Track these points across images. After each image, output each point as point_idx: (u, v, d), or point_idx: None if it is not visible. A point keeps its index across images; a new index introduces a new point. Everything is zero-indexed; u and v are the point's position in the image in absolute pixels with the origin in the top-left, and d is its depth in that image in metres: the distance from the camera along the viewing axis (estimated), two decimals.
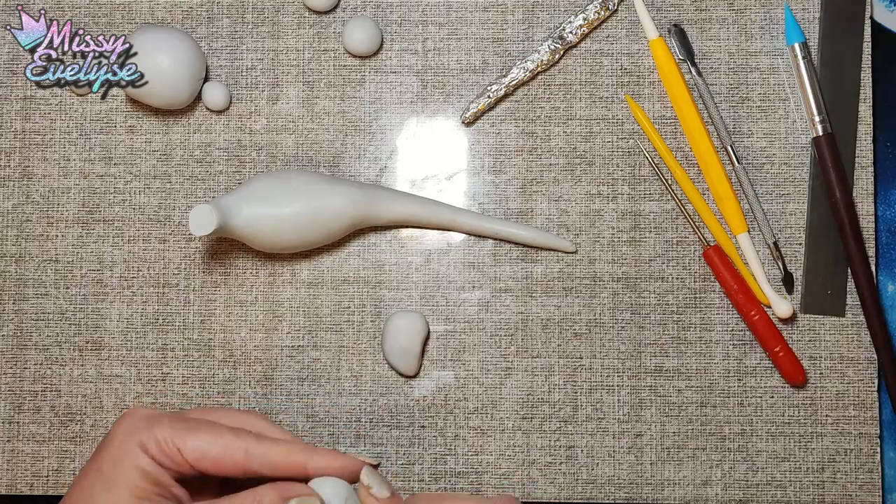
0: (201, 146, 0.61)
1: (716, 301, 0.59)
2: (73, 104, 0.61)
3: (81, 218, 0.61)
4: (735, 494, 0.59)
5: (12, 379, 0.60)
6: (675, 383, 0.59)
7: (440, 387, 0.59)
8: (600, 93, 0.60)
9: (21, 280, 0.60)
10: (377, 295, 0.60)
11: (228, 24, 0.61)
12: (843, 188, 0.58)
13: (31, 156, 0.61)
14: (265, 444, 0.47)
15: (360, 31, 0.59)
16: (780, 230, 0.60)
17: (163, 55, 0.56)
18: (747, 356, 0.59)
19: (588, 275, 0.60)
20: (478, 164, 0.60)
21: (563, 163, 0.60)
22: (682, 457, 0.59)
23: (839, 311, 0.59)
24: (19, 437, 0.60)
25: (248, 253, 0.60)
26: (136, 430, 0.46)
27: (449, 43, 0.61)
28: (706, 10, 0.61)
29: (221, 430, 0.47)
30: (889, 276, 0.61)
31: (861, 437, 0.59)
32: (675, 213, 0.60)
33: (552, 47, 0.60)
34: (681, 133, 0.60)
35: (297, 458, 0.46)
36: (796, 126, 0.60)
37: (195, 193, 0.61)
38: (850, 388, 0.59)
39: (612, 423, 0.59)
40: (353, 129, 0.61)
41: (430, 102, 0.61)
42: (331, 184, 0.57)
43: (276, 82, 0.61)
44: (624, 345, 0.59)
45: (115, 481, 0.45)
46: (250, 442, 0.46)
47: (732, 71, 0.60)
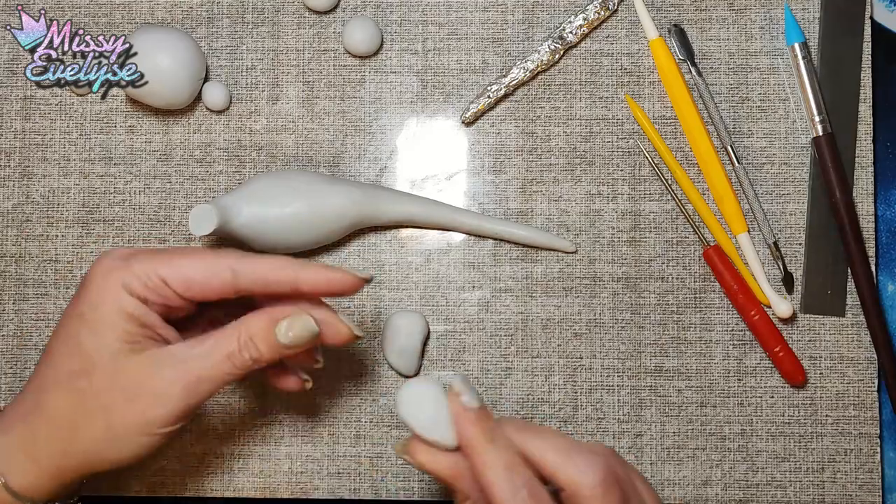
0: (201, 146, 0.61)
1: (716, 301, 0.59)
2: (73, 104, 0.61)
3: (81, 218, 0.61)
4: (735, 494, 0.59)
5: (12, 379, 0.60)
6: (675, 383, 0.59)
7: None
8: (600, 93, 0.60)
9: (21, 280, 0.60)
10: (377, 295, 0.60)
11: (228, 24, 0.61)
12: (843, 188, 0.58)
13: (31, 156, 0.61)
14: (251, 260, 0.46)
15: (360, 31, 0.59)
16: (780, 230, 0.60)
17: (163, 55, 0.56)
18: (747, 356, 0.59)
19: (588, 275, 0.60)
20: (478, 164, 0.60)
21: (563, 163, 0.60)
22: (682, 457, 0.59)
23: (839, 311, 0.59)
24: None
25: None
26: (114, 269, 0.45)
27: (449, 43, 0.61)
28: (706, 10, 0.61)
29: (203, 253, 0.46)
30: (889, 276, 0.61)
31: (861, 437, 0.59)
32: (675, 213, 0.60)
33: (552, 47, 0.60)
34: (681, 133, 0.60)
35: (286, 271, 0.46)
36: (796, 126, 0.60)
37: (195, 193, 0.61)
38: (850, 388, 0.59)
39: (612, 423, 0.59)
40: (353, 129, 0.61)
41: (430, 102, 0.61)
42: (331, 184, 0.57)
43: (276, 82, 0.61)
44: (624, 345, 0.59)
45: (100, 326, 0.45)
46: (235, 260, 0.46)
47: (732, 71, 0.60)
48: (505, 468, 0.42)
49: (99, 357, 0.45)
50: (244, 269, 0.46)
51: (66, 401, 0.46)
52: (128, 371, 0.45)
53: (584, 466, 0.42)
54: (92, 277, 0.46)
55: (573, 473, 0.42)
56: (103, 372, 0.45)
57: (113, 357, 0.45)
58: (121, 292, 0.45)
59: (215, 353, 0.45)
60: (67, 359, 0.46)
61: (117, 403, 0.45)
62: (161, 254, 0.46)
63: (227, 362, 0.45)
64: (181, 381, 0.45)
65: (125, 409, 0.45)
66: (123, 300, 0.45)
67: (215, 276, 0.46)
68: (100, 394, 0.45)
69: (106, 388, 0.45)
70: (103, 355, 0.45)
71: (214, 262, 0.46)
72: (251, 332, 0.45)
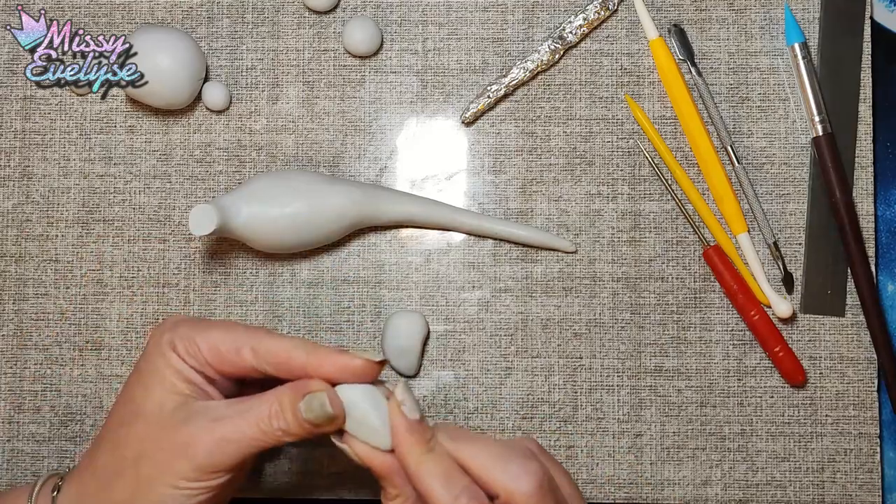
0: (201, 146, 0.61)
1: (716, 301, 0.59)
2: (73, 104, 0.61)
3: (81, 218, 0.61)
4: (735, 494, 0.59)
5: (12, 379, 0.60)
6: (675, 383, 0.59)
7: (440, 387, 0.59)
8: (600, 93, 0.60)
9: (21, 280, 0.60)
10: (377, 295, 0.60)
11: (228, 24, 0.61)
12: (843, 188, 0.58)
13: (31, 156, 0.61)
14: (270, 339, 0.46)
15: (360, 31, 0.59)
16: (780, 230, 0.60)
17: (163, 55, 0.56)
18: (747, 356, 0.59)
19: (588, 275, 0.60)
20: (478, 164, 0.60)
21: (563, 163, 0.60)
22: (682, 457, 0.59)
23: (839, 311, 0.59)
24: (19, 437, 0.60)
25: (248, 253, 0.60)
26: (164, 331, 0.47)
27: (449, 43, 0.61)
28: (706, 10, 0.61)
29: (236, 327, 0.47)
30: (889, 276, 0.61)
31: (861, 437, 0.59)
32: (675, 213, 0.60)
33: (552, 47, 0.60)
34: (681, 133, 0.60)
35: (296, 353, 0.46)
36: (796, 126, 0.60)
37: (195, 193, 0.61)
38: (850, 388, 0.59)
39: (612, 423, 0.59)
40: (353, 129, 0.61)
41: (430, 102, 0.61)
42: (331, 184, 0.57)
43: (276, 82, 0.61)
44: (624, 345, 0.59)
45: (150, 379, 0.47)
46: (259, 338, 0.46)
47: (732, 71, 0.60)
48: (443, 476, 0.42)
49: (145, 407, 0.46)
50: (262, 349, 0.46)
51: (110, 451, 0.47)
52: (164, 423, 0.46)
53: (519, 473, 0.42)
54: (150, 339, 0.48)
55: (507, 481, 0.42)
56: (146, 422, 0.46)
57: (158, 409, 0.46)
58: (168, 351, 0.47)
59: (248, 415, 0.45)
60: (120, 412, 0.47)
61: (148, 453, 0.45)
62: (202, 322, 0.48)
63: (256, 428, 0.45)
64: (208, 438, 0.45)
65: (154, 459, 0.45)
66: (171, 358, 0.47)
67: (237, 350, 0.46)
68: (136, 442, 0.46)
69: (143, 437, 0.46)
70: (149, 407, 0.46)
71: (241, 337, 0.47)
72: (282, 402, 0.45)
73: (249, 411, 0.45)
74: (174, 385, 0.46)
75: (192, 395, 0.46)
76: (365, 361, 0.45)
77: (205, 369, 0.47)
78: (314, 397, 0.44)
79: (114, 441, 0.47)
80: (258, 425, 0.45)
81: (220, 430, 0.45)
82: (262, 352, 0.46)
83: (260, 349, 0.46)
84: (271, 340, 0.46)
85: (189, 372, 0.47)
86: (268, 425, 0.45)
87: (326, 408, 0.44)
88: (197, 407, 0.46)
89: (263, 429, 0.45)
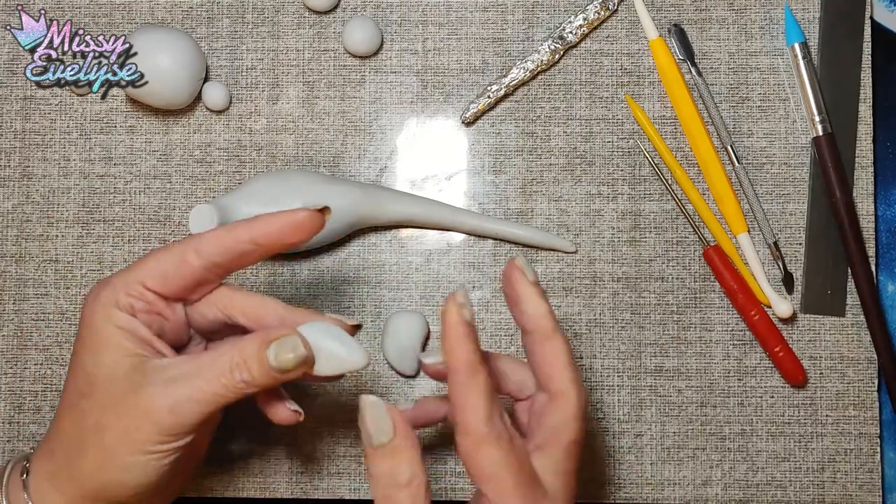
0: (201, 146, 0.61)
1: (716, 301, 0.59)
2: (73, 104, 0.61)
3: (81, 218, 0.61)
4: (735, 494, 0.59)
5: (12, 379, 0.60)
6: (675, 383, 0.59)
7: (440, 387, 0.59)
8: (600, 93, 0.60)
9: (21, 280, 0.60)
10: (377, 295, 0.60)
11: (228, 24, 0.61)
12: (843, 188, 0.58)
13: (31, 156, 0.61)
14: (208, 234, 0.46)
15: (360, 31, 0.59)
16: (780, 230, 0.60)
17: (163, 55, 0.56)
18: (747, 356, 0.59)
19: (588, 275, 0.60)
20: (478, 164, 0.60)
21: (563, 163, 0.60)
22: (682, 457, 0.59)
23: (839, 311, 0.59)
24: (19, 437, 0.60)
25: None
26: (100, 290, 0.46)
27: (449, 43, 0.61)
28: (706, 10, 0.61)
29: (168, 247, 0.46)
30: (889, 276, 0.61)
31: (861, 437, 0.59)
32: (675, 213, 0.60)
33: (552, 47, 0.60)
34: (681, 133, 0.60)
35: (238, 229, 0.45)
36: (796, 126, 0.60)
37: (195, 193, 0.61)
38: (850, 388, 0.59)
39: (612, 423, 0.59)
40: (353, 129, 0.61)
41: (430, 102, 0.61)
42: (331, 184, 0.57)
43: (276, 82, 0.61)
44: (624, 345, 0.59)
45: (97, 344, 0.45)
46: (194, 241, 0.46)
47: (732, 71, 0.60)
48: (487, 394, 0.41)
49: (99, 375, 0.45)
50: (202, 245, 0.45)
51: (72, 423, 0.46)
52: (120, 387, 0.44)
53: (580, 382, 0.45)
54: (85, 307, 0.46)
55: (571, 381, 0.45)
56: (103, 390, 0.45)
57: (111, 373, 0.45)
58: (110, 308, 0.45)
59: (206, 371, 0.44)
60: (75, 382, 0.46)
61: (110, 421, 0.44)
62: (135, 263, 0.47)
63: (217, 383, 0.44)
64: (168, 399, 0.43)
65: (116, 427, 0.44)
66: (113, 315, 0.45)
67: (182, 262, 0.46)
68: (96, 411, 0.45)
69: (102, 405, 0.44)
70: (102, 373, 0.45)
71: (178, 250, 0.46)
72: (245, 353, 0.44)
73: (208, 367, 0.44)
74: (123, 346, 0.45)
75: (144, 353, 0.45)
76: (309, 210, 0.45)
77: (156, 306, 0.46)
78: (286, 341, 0.43)
79: (74, 413, 0.45)
80: (219, 380, 0.43)
81: (180, 391, 0.43)
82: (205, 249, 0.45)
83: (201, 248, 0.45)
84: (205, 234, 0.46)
85: (137, 327, 0.45)
86: (229, 379, 0.44)
87: (300, 350, 0.43)
88: (151, 367, 0.44)
89: (224, 383, 0.44)
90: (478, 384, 0.41)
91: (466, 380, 0.41)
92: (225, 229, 0.46)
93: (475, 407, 0.41)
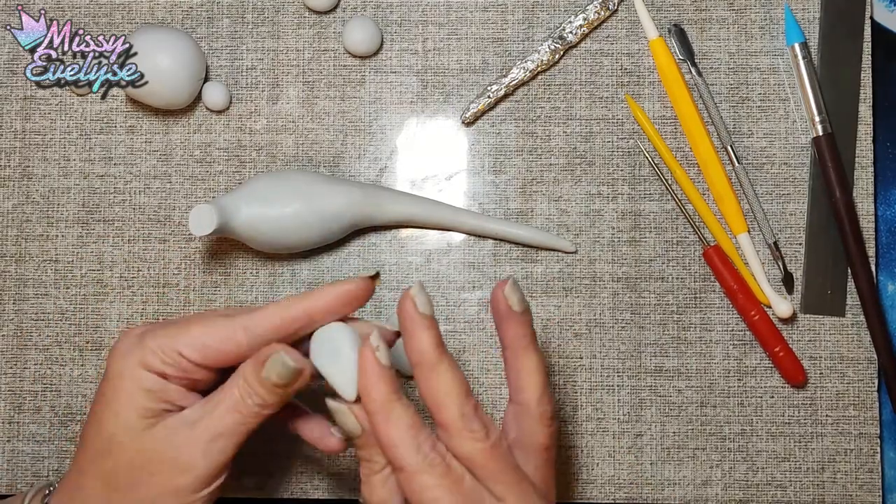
0: (201, 146, 0.61)
1: (716, 301, 0.59)
2: (73, 104, 0.61)
3: (81, 218, 0.61)
4: (735, 494, 0.59)
5: (12, 379, 0.60)
6: (675, 383, 0.59)
7: None
8: (600, 93, 0.60)
9: (21, 280, 0.60)
10: (377, 295, 0.60)
11: (228, 24, 0.61)
12: (843, 188, 0.58)
13: (31, 156, 0.61)
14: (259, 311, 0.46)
15: (360, 31, 0.59)
16: (780, 230, 0.60)
17: (163, 55, 0.56)
18: (747, 356, 0.59)
19: (588, 275, 0.60)
20: (478, 164, 0.60)
21: (563, 163, 0.60)
22: (682, 457, 0.59)
23: (839, 311, 0.59)
24: (19, 437, 0.60)
25: (248, 253, 0.60)
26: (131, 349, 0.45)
27: (449, 43, 0.61)
28: (706, 10, 0.61)
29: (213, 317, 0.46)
30: (889, 276, 0.61)
31: (861, 437, 0.59)
32: (675, 213, 0.60)
33: (552, 47, 0.60)
34: (681, 133, 0.60)
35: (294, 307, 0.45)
36: (796, 126, 0.60)
37: (195, 193, 0.61)
38: (850, 388, 0.59)
39: (612, 423, 0.59)
40: (353, 129, 0.61)
41: (430, 102, 0.61)
42: (331, 184, 0.57)
43: (276, 82, 0.61)
44: (624, 345, 0.59)
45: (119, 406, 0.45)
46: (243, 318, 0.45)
47: (732, 71, 0.60)
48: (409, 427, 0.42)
49: (119, 437, 0.45)
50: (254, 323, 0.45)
51: (99, 482, 0.46)
52: (146, 446, 0.45)
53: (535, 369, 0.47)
54: (111, 361, 0.46)
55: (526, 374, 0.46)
56: (124, 451, 0.45)
57: (132, 435, 0.45)
58: (138, 371, 0.45)
59: (221, 407, 0.45)
60: (95, 440, 0.46)
61: (143, 480, 0.45)
62: (173, 326, 0.46)
63: (235, 413, 0.44)
64: (197, 445, 0.44)
65: (151, 485, 0.44)
66: (142, 378, 0.45)
67: (228, 339, 0.45)
68: (125, 473, 0.45)
69: (129, 467, 0.45)
70: (123, 435, 0.45)
71: (226, 325, 0.46)
72: (247, 379, 0.44)
73: (222, 402, 0.45)
74: (146, 408, 0.45)
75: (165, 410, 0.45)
76: (359, 279, 0.46)
77: (189, 372, 0.45)
78: (272, 360, 0.44)
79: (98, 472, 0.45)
80: (236, 410, 0.44)
81: (204, 432, 0.44)
82: (256, 328, 0.45)
83: (251, 325, 0.45)
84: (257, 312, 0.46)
85: (165, 390, 0.45)
86: (244, 407, 0.44)
87: (288, 363, 0.44)
88: (175, 422, 0.45)
89: (242, 411, 0.44)
90: (397, 418, 0.43)
91: (384, 419, 0.43)
92: (279, 307, 0.45)
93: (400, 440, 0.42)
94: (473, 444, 0.42)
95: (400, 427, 0.42)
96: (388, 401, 0.43)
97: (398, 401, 0.43)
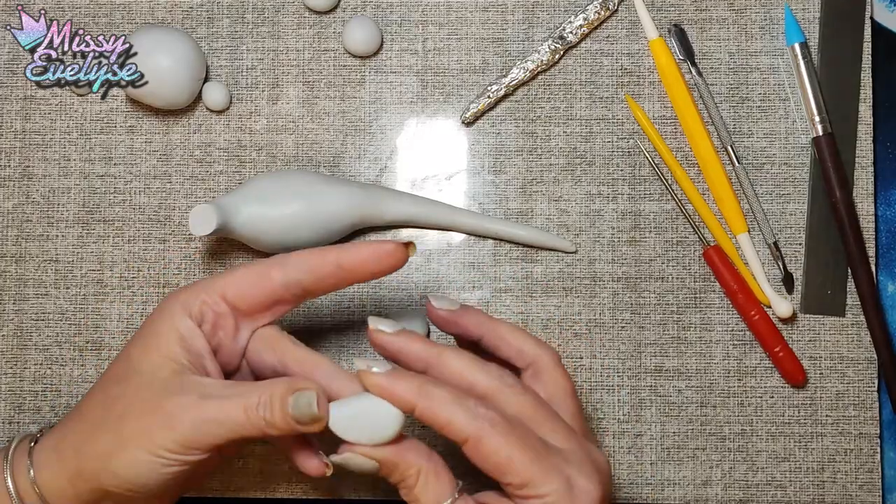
0: (201, 146, 0.61)
1: (716, 301, 0.59)
2: (73, 104, 0.61)
3: (81, 218, 0.61)
4: (735, 494, 0.59)
5: (12, 379, 0.60)
6: (675, 383, 0.59)
7: None
8: (600, 93, 0.61)
9: (21, 280, 0.60)
10: (377, 295, 0.60)
11: (228, 24, 0.61)
12: (843, 188, 0.58)
13: (31, 156, 0.61)
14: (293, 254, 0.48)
15: (360, 31, 0.59)
16: (780, 230, 0.60)
17: (163, 55, 0.56)
18: (747, 356, 0.59)
19: (588, 275, 0.60)
20: (478, 164, 0.60)
21: (563, 163, 0.60)
22: (682, 457, 0.59)
23: (839, 311, 0.59)
24: None
25: (248, 253, 0.60)
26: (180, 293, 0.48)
27: (449, 43, 0.61)
28: (706, 10, 0.61)
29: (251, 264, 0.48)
30: (889, 276, 0.61)
31: (861, 437, 0.59)
32: (675, 213, 0.60)
33: (552, 47, 0.60)
34: (681, 133, 0.60)
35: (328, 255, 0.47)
36: (796, 126, 0.60)
37: (195, 193, 0.61)
38: (850, 388, 0.59)
39: (612, 423, 0.59)
40: (353, 129, 0.61)
41: (430, 102, 0.61)
42: (331, 184, 0.57)
43: (276, 82, 0.61)
44: (624, 345, 0.59)
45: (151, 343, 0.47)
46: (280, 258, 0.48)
47: (732, 71, 0.60)
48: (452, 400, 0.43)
49: (140, 368, 0.46)
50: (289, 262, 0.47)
51: (98, 402, 0.47)
52: (156, 387, 0.45)
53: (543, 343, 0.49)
54: (162, 302, 0.48)
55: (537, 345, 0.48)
56: (138, 382, 0.46)
57: (152, 372, 0.46)
58: (178, 314, 0.47)
59: (237, 399, 0.45)
60: (116, 367, 0.48)
61: (133, 413, 0.45)
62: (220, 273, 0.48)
63: (242, 413, 0.45)
64: (193, 412, 0.45)
65: (137, 422, 0.45)
66: (179, 321, 0.47)
67: (265, 276, 0.47)
68: (125, 400, 0.46)
69: (132, 397, 0.46)
70: (145, 368, 0.46)
71: (264, 264, 0.48)
72: (273, 392, 0.45)
73: (240, 396, 0.45)
74: (174, 352, 0.46)
75: (190, 366, 0.46)
76: (395, 243, 0.47)
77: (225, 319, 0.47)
78: (302, 395, 0.44)
79: (104, 395, 0.47)
80: (245, 411, 0.44)
81: (208, 409, 0.45)
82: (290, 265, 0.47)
83: (286, 263, 0.47)
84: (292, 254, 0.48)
85: (196, 337, 0.47)
86: (254, 413, 0.44)
87: (313, 408, 0.44)
88: (190, 380, 0.46)
89: (249, 415, 0.44)
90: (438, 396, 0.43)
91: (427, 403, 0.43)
92: (313, 253, 0.48)
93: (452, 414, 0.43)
94: (518, 396, 0.44)
95: (444, 401, 0.43)
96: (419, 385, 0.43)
97: (426, 381, 0.43)
